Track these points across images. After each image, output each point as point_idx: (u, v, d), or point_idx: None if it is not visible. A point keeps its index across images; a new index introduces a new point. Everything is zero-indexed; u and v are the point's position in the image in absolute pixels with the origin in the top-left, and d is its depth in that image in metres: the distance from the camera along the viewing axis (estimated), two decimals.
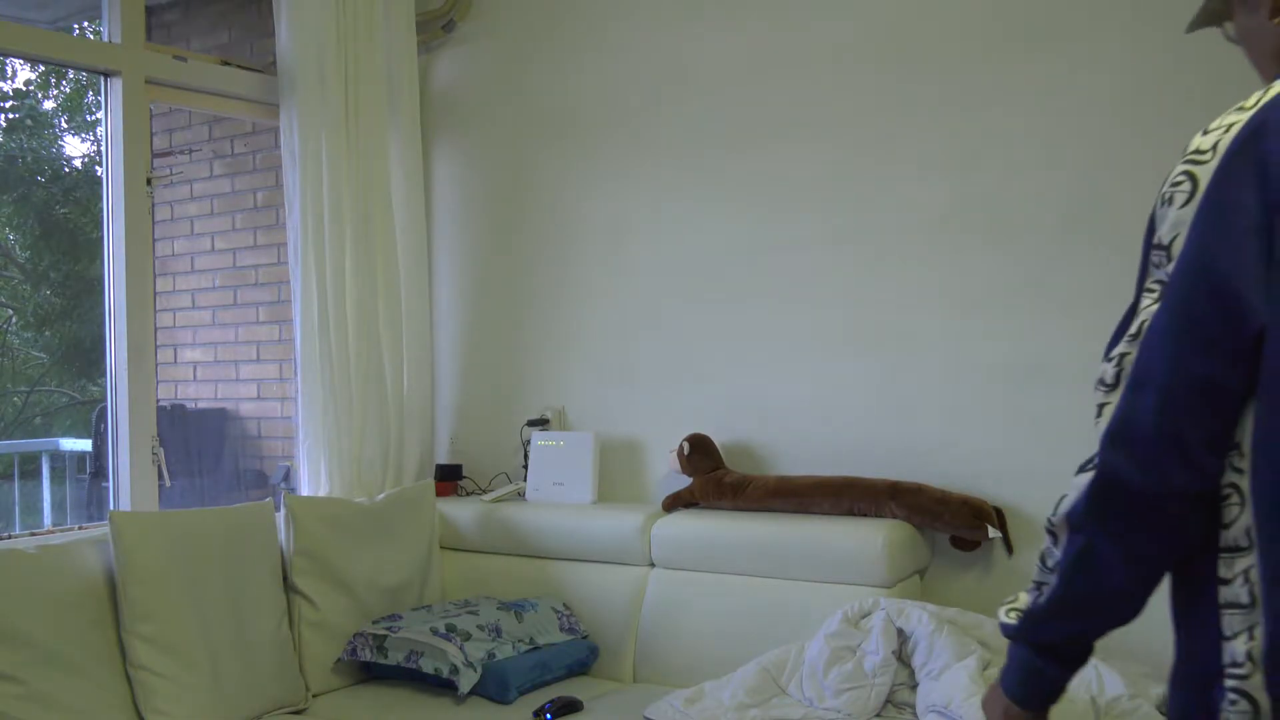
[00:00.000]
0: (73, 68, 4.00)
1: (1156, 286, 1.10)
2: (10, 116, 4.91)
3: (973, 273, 2.90)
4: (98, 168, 4.18)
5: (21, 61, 4.64)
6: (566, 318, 3.57)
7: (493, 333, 3.73)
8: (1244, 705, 1.02)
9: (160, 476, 3.09)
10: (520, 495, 3.45)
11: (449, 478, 3.64)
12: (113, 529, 2.53)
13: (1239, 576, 1.05)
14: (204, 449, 4.52)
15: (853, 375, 3.06)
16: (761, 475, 3.08)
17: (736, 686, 2.53)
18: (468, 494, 3.63)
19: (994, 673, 2.36)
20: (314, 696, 2.86)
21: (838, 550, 2.77)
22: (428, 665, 2.75)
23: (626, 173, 3.44)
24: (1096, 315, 2.74)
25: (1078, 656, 1.27)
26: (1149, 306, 1.10)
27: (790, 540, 2.83)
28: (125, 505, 3.01)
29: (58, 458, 4.85)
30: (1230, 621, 1.05)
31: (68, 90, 5.06)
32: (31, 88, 4.98)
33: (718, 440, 3.19)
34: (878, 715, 2.44)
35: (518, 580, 3.22)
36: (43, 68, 4.87)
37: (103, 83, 3.09)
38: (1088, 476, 1.17)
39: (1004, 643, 2.53)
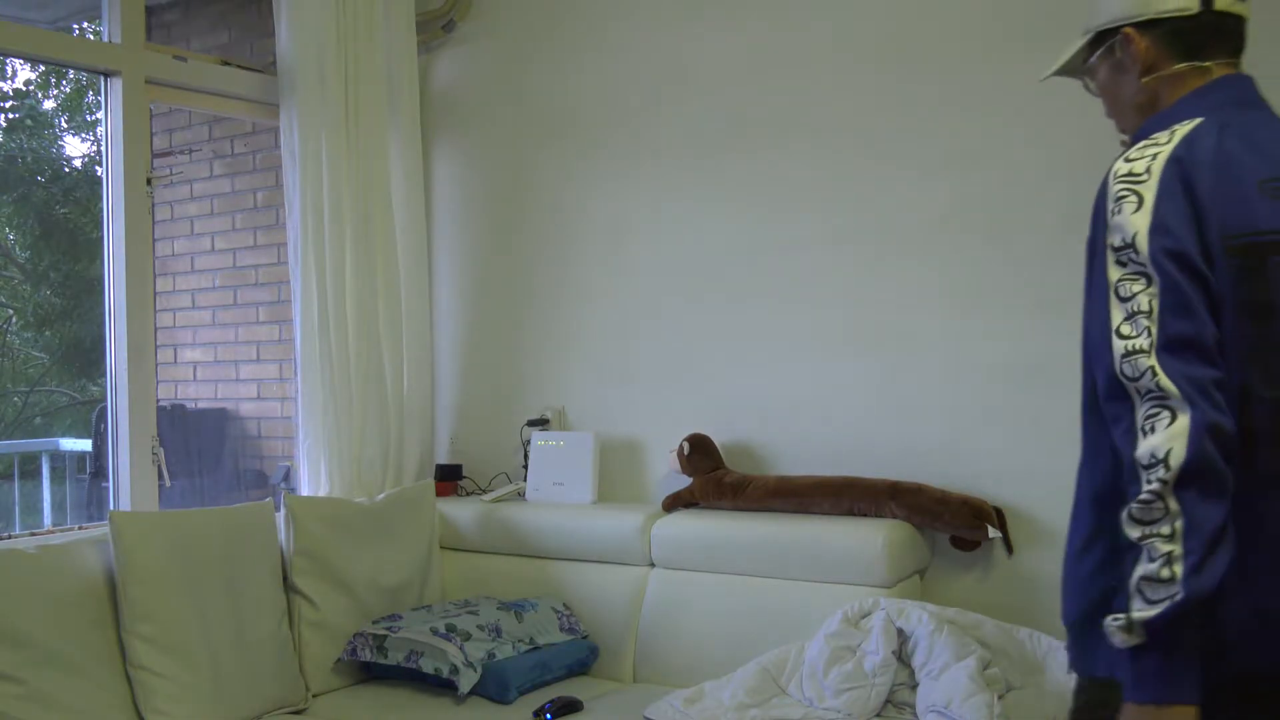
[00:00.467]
0: (73, 68, 4.00)
1: (1137, 274, 1.26)
2: (10, 116, 4.91)
3: (973, 273, 2.90)
4: (98, 168, 4.18)
5: (21, 61, 4.64)
6: (566, 318, 3.57)
7: (493, 333, 3.73)
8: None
9: (160, 476, 3.09)
10: (520, 495, 3.45)
11: (449, 478, 3.64)
12: (113, 529, 2.53)
13: None
14: (204, 449, 4.52)
15: (853, 375, 3.06)
16: (761, 475, 3.08)
17: (736, 686, 2.53)
18: (468, 494, 3.63)
19: (995, 672, 2.37)
20: (314, 696, 2.86)
21: (838, 550, 2.77)
22: (428, 665, 2.75)
23: (626, 172, 3.44)
24: None
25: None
26: (1145, 290, 1.25)
27: (790, 540, 2.83)
28: (125, 505, 3.01)
29: (58, 458, 4.85)
30: None
31: (68, 90, 5.06)
32: (31, 88, 4.99)
33: (718, 440, 3.19)
34: (878, 715, 2.44)
35: (518, 580, 3.22)
36: (43, 68, 4.88)
37: (103, 83, 3.09)
38: (1180, 427, 1.19)
39: (1004, 643, 2.54)
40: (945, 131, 2.94)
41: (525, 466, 3.49)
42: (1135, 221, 1.27)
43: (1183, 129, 1.33)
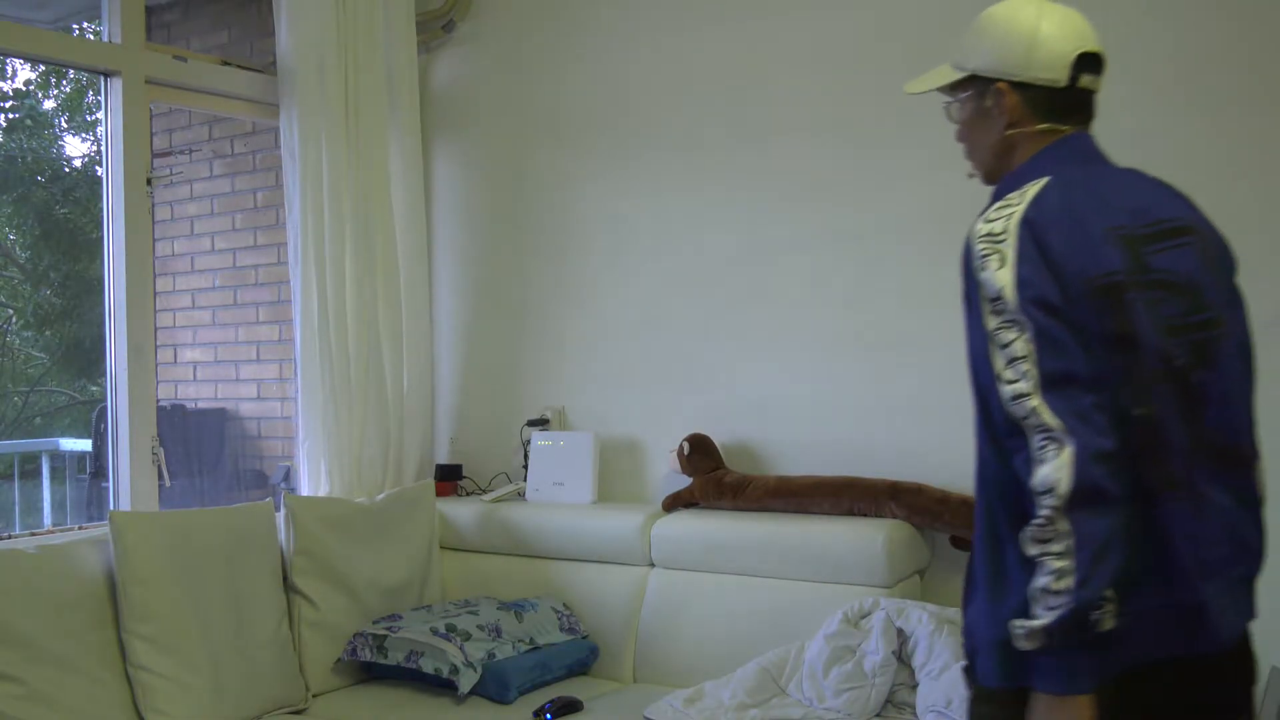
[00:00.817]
0: (73, 68, 4.00)
1: (1010, 323, 1.41)
2: (10, 116, 4.91)
3: None
4: (98, 168, 4.18)
5: (21, 61, 4.64)
6: (566, 318, 3.57)
7: (493, 333, 3.73)
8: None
9: (160, 476, 3.09)
10: (520, 495, 3.45)
11: (449, 478, 3.64)
12: (113, 529, 2.53)
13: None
14: (204, 449, 4.52)
15: (853, 375, 3.06)
16: (761, 475, 3.08)
17: (736, 686, 2.53)
18: (468, 494, 3.63)
19: None
20: (314, 696, 2.86)
21: (838, 550, 2.77)
22: (428, 665, 2.75)
23: (626, 172, 3.44)
24: None
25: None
26: (1020, 337, 1.40)
27: (790, 540, 2.83)
28: (125, 505, 3.01)
29: (58, 458, 4.85)
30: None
31: (68, 90, 5.06)
32: (31, 88, 4.99)
33: (718, 440, 3.19)
34: (878, 715, 2.44)
35: (518, 580, 3.22)
36: (43, 68, 4.87)
37: (103, 83, 3.09)
38: (1065, 460, 1.34)
39: None
40: (945, 131, 2.93)
41: (525, 466, 3.49)
42: (1001, 277, 1.42)
43: (1032, 189, 1.49)
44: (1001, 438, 1.42)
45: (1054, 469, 1.33)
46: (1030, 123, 1.60)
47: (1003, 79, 1.59)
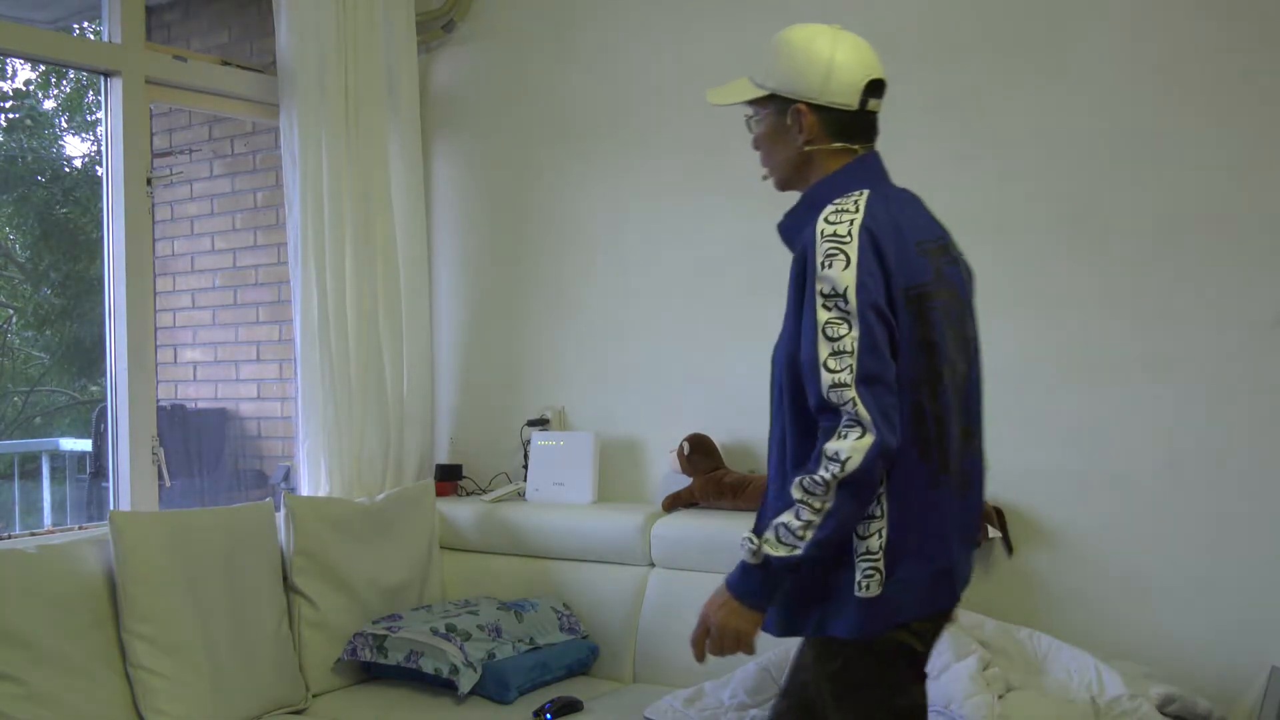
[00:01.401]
0: (73, 68, 4.00)
1: (843, 319, 1.59)
2: (10, 116, 4.91)
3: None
4: (98, 168, 4.18)
5: (21, 61, 4.64)
6: (566, 318, 3.57)
7: (493, 333, 3.73)
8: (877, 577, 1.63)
9: (160, 476, 3.09)
10: (520, 495, 3.45)
11: (449, 478, 3.64)
12: (113, 529, 2.53)
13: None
14: (204, 449, 4.52)
15: None
16: (761, 475, 3.08)
17: (736, 686, 2.53)
18: (468, 494, 3.63)
19: (995, 672, 2.37)
20: (314, 696, 2.86)
21: None
22: (428, 665, 2.75)
23: (626, 172, 3.44)
24: (1095, 314, 2.75)
25: None
26: (849, 334, 1.58)
27: None
28: (125, 505, 3.01)
29: (58, 458, 4.84)
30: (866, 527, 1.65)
31: (68, 90, 5.06)
32: (31, 88, 4.99)
33: (718, 440, 3.19)
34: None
35: (518, 580, 3.22)
36: (43, 68, 4.87)
37: (103, 83, 3.09)
38: (863, 444, 1.55)
39: (1004, 643, 2.55)
40: (944, 131, 2.94)
41: (525, 466, 3.49)
42: (845, 277, 1.59)
43: (862, 199, 1.68)
44: (814, 412, 1.63)
45: (850, 447, 1.54)
46: (825, 141, 1.79)
47: (802, 100, 1.77)
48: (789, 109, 1.78)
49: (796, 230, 1.74)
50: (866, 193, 1.70)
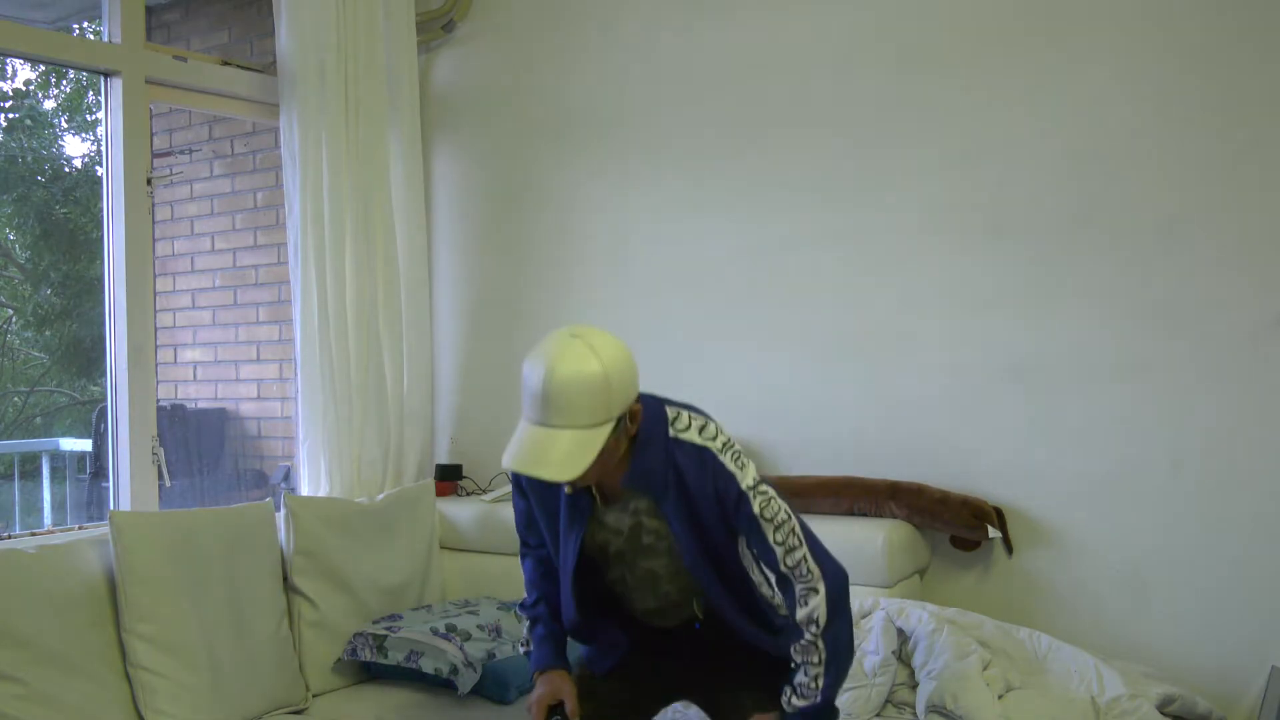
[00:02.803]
0: (73, 68, 4.00)
1: (772, 501, 2.01)
2: (10, 116, 4.91)
3: (972, 272, 2.90)
4: (98, 168, 4.18)
5: (21, 61, 4.64)
6: (566, 318, 3.57)
7: (493, 333, 3.73)
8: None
9: (160, 476, 3.09)
10: None
11: (449, 478, 3.64)
12: (113, 529, 2.53)
13: None
14: (204, 449, 4.52)
15: (853, 375, 3.06)
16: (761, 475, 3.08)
17: None
18: (468, 494, 3.63)
19: (994, 674, 2.37)
20: (314, 696, 2.86)
21: (838, 550, 2.74)
22: (428, 665, 2.75)
23: (626, 172, 3.44)
24: (1096, 315, 2.75)
25: None
26: (780, 511, 2.00)
27: None
28: (125, 505, 3.01)
29: (58, 458, 4.84)
30: None
31: (68, 90, 5.06)
32: (31, 88, 4.98)
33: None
34: (878, 715, 2.43)
35: (518, 580, 3.21)
36: (43, 68, 4.87)
37: (103, 83, 3.09)
38: (820, 602, 1.93)
39: (1004, 643, 2.55)
40: (945, 132, 2.94)
41: None
42: (754, 470, 2.04)
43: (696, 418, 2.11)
44: (775, 583, 1.98)
45: (815, 606, 1.92)
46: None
47: (635, 406, 2.00)
48: (625, 416, 1.96)
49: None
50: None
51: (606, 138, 3.48)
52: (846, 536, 2.75)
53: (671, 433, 1.99)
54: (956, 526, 2.81)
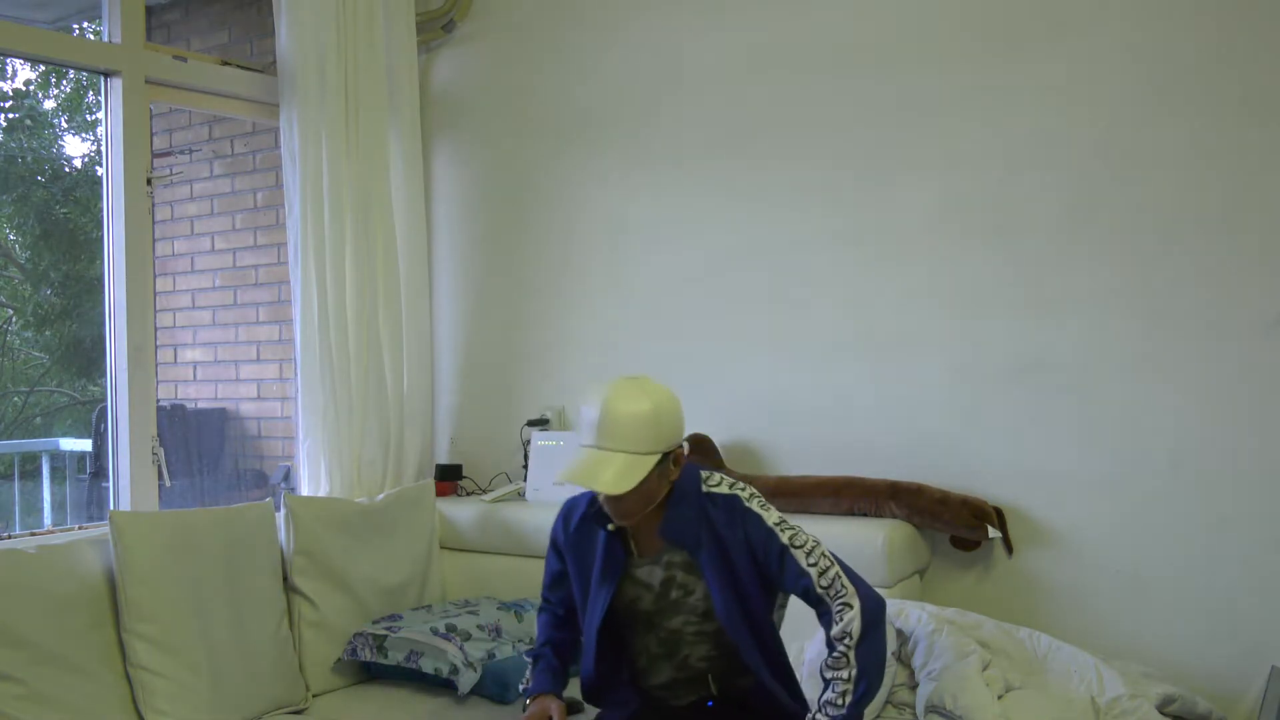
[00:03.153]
0: (73, 68, 4.00)
1: (797, 532, 2.13)
2: (10, 116, 4.91)
3: (973, 273, 2.90)
4: (98, 168, 4.18)
5: (21, 61, 4.64)
6: (567, 318, 3.57)
7: (493, 333, 3.73)
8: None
9: (160, 476, 3.09)
10: (520, 495, 3.45)
11: (449, 478, 3.64)
12: (113, 529, 2.53)
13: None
14: (204, 449, 4.52)
15: (853, 375, 3.06)
16: (761, 475, 3.08)
17: None
18: (468, 494, 3.63)
19: (994, 674, 2.37)
20: (314, 696, 2.86)
21: (838, 550, 2.74)
22: (428, 665, 2.75)
23: (626, 172, 3.44)
24: (1096, 315, 2.75)
25: None
26: (808, 539, 2.12)
27: None
28: (125, 505, 3.01)
29: (58, 458, 4.84)
30: None
31: (68, 90, 5.06)
32: (31, 88, 4.99)
33: (718, 440, 3.19)
34: (878, 715, 2.43)
35: (518, 580, 3.22)
36: (43, 68, 4.87)
37: (103, 83, 3.09)
38: (855, 616, 2.02)
39: (1004, 643, 2.55)
40: (945, 132, 2.94)
41: (525, 466, 3.49)
42: (774, 510, 2.15)
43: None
44: (818, 617, 2.09)
45: (850, 620, 2.01)
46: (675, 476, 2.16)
47: (679, 449, 2.13)
48: (670, 456, 2.10)
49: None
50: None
51: (607, 138, 3.48)
52: (846, 536, 2.76)
53: (704, 489, 2.15)
54: (956, 526, 2.81)
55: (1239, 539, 2.58)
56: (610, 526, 2.17)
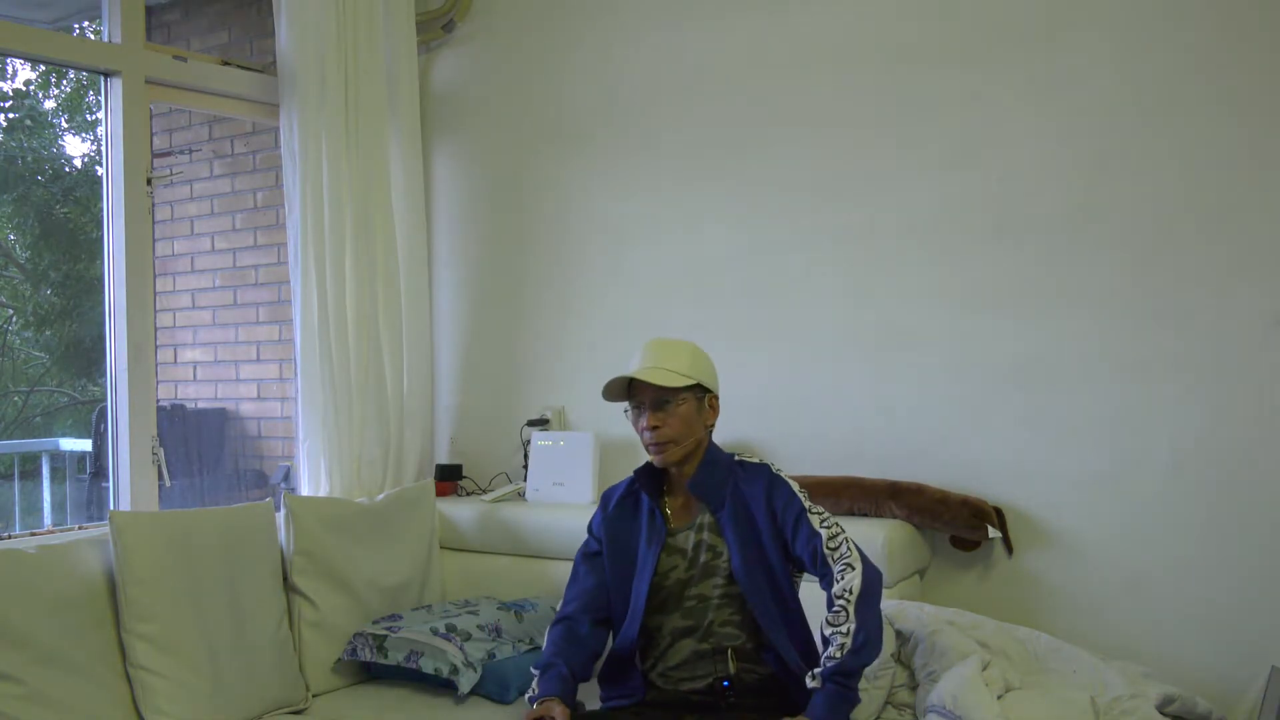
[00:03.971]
0: (73, 68, 4.00)
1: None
2: (10, 116, 4.91)
3: (973, 272, 2.90)
4: (98, 168, 4.19)
5: (21, 61, 4.64)
6: (566, 318, 3.57)
7: (493, 333, 3.73)
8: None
9: (160, 476, 3.09)
10: (520, 495, 3.45)
11: (449, 478, 3.64)
12: (113, 529, 2.53)
13: None
14: (204, 449, 4.52)
15: (853, 375, 3.06)
16: None
17: None
18: (468, 494, 3.63)
19: (994, 674, 2.37)
20: (314, 696, 2.86)
21: None
22: (428, 665, 2.75)
23: (626, 172, 3.44)
24: (1096, 314, 2.75)
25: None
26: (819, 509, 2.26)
27: None
28: (125, 505, 3.01)
29: (58, 458, 4.84)
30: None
31: (68, 90, 5.06)
32: (31, 88, 4.99)
33: (718, 440, 3.18)
34: (877, 715, 2.43)
35: (518, 580, 3.22)
36: (43, 68, 4.88)
37: (103, 83, 3.09)
38: (857, 576, 2.12)
39: (1004, 643, 2.55)
40: (944, 130, 2.94)
41: (525, 466, 3.49)
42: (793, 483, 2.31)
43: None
44: (821, 581, 2.18)
45: (851, 579, 2.11)
46: (710, 430, 2.38)
47: (714, 395, 2.37)
48: (707, 398, 2.35)
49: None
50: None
51: (606, 137, 3.48)
52: None
53: (737, 458, 2.37)
54: (956, 526, 2.81)
55: (1239, 539, 2.58)
56: (656, 461, 2.33)
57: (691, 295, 3.32)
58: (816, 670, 2.09)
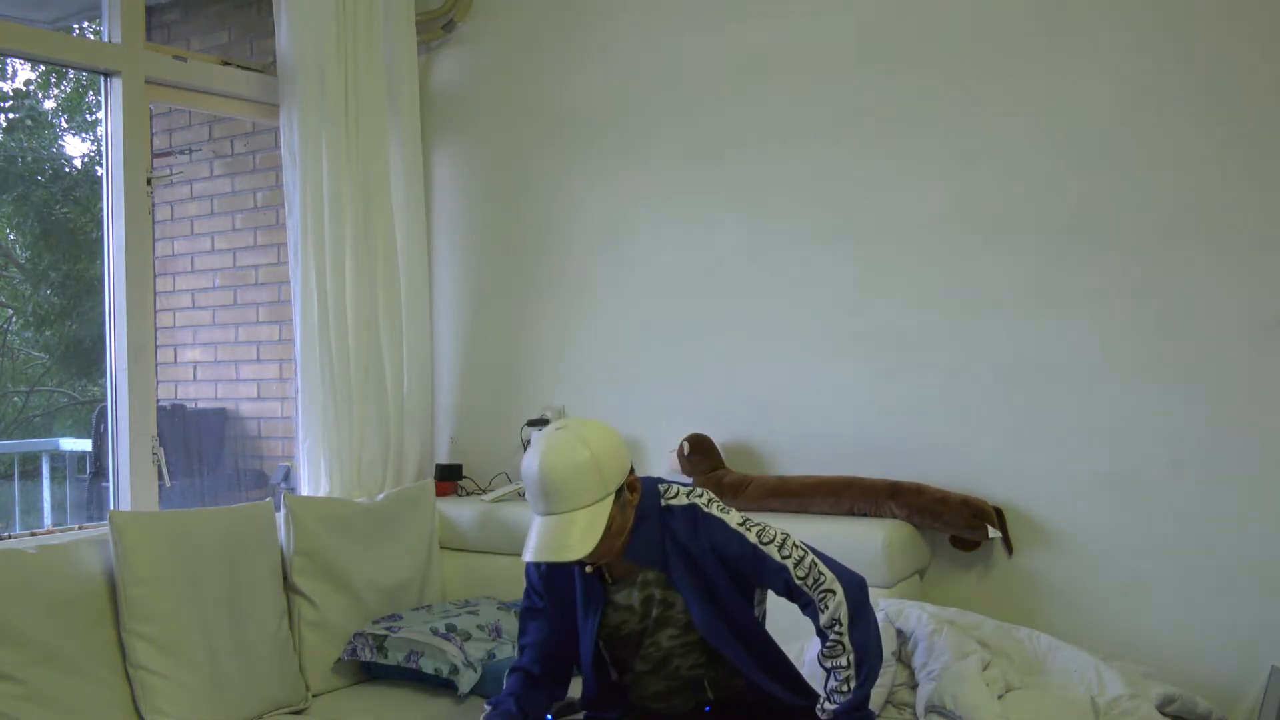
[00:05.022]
0: (73, 68, 4.00)
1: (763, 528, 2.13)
2: (10, 116, 4.91)
3: (973, 273, 2.90)
4: (98, 168, 4.19)
5: (21, 61, 4.64)
6: (566, 317, 3.57)
7: (493, 333, 3.73)
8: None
9: (160, 476, 3.09)
10: (520, 495, 3.45)
11: (449, 478, 3.64)
12: (113, 529, 2.53)
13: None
14: (204, 449, 4.52)
15: (853, 375, 3.06)
16: (761, 475, 3.08)
17: None
18: (468, 494, 3.63)
19: (994, 674, 2.37)
20: (314, 696, 2.86)
21: (838, 550, 2.74)
22: (428, 665, 2.75)
23: (626, 172, 3.44)
24: (1096, 315, 2.75)
25: None
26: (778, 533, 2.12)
27: None
28: (125, 505, 3.01)
29: (58, 458, 4.85)
30: None
31: (68, 90, 5.06)
32: (31, 88, 4.99)
33: (718, 440, 3.19)
34: (878, 716, 2.43)
35: (518, 580, 3.21)
36: (43, 68, 4.88)
37: (103, 83, 3.09)
38: (840, 602, 2.03)
39: (1004, 643, 2.55)
40: (945, 131, 2.94)
41: None
42: (736, 513, 2.15)
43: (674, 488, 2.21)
44: (801, 608, 2.08)
45: (835, 607, 2.02)
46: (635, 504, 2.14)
47: (632, 477, 2.11)
48: (623, 491, 2.07)
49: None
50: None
51: (607, 137, 3.48)
52: (847, 536, 2.76)
53: (663, 503, 2.14)
54: (956, 526, 2.81)
55: (1239, 539, 2.58)
56: (588, 568, 2.17)
57: (692, 295, 3.32)
58: (829, 706, 2.03)
